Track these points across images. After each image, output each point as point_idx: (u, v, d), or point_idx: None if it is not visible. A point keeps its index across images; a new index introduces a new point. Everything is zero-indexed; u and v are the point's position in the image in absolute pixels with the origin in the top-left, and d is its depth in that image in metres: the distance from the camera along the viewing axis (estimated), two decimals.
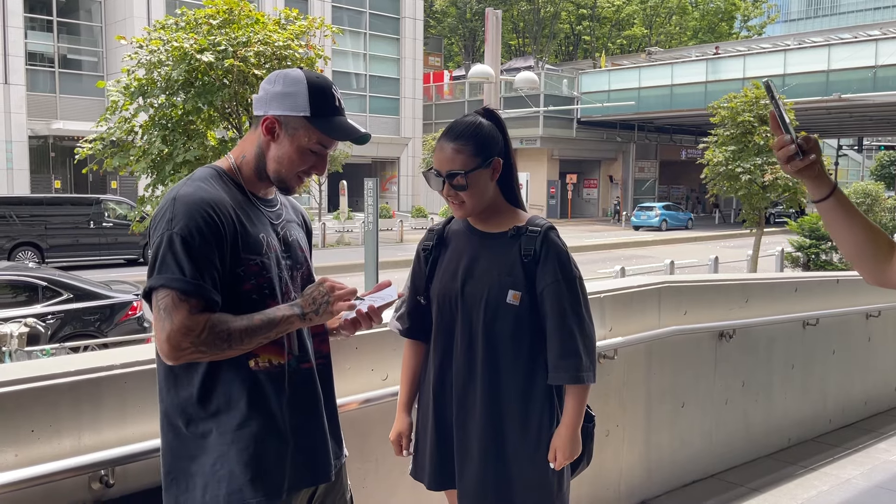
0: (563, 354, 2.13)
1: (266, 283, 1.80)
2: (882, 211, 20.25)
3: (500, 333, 2.16)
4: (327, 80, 1.89)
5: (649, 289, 3.75)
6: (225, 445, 1.74)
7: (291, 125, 1.82)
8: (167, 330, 1.63)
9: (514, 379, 2.17)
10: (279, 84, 1.83)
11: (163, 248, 1.67)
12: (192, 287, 1.65)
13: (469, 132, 2.14)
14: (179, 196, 1.72)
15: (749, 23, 56.09)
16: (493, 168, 2.17)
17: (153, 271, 1.68)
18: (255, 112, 1.87)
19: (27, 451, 1.91)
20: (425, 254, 2.33)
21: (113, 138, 8.50)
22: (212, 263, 1.69)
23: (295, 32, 8.61)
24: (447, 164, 2.13)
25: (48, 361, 2.10)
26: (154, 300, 1.66)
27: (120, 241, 18.87)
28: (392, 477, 2.76)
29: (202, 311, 1.66)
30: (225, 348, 1.68)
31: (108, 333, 9.07)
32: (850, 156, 54.43)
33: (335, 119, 1.85)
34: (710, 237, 29.59)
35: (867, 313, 5.49)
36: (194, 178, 1.79)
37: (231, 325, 1.68)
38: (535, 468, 2.18)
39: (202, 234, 1.68)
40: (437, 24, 51.19)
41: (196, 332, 1.64)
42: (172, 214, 1.69)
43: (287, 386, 1.83)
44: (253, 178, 1.87)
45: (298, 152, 1.84)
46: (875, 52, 28.88)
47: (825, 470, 4.46)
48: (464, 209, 2.18)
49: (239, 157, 1.88)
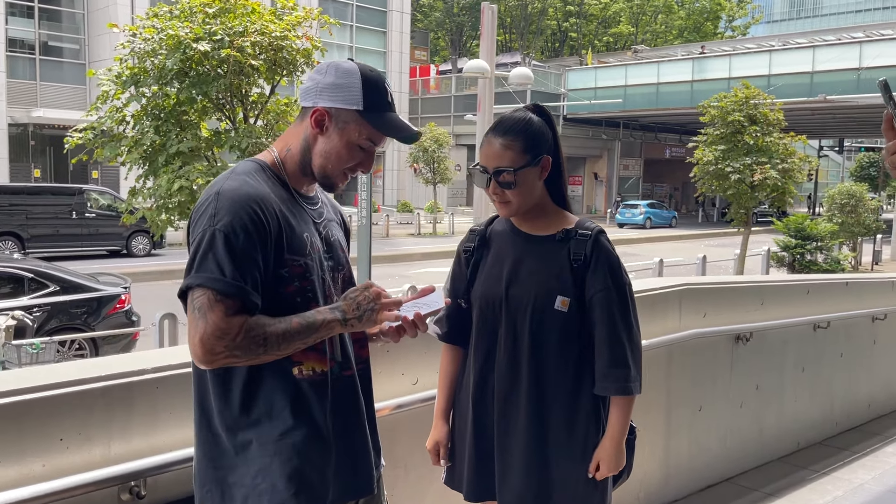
0: (611, 364, 2.05)
1: (309, 286, 1.70)
2: (866, 212, 20.39)
3: (547, 340, 2.07)
4: (380, 73, 1.79)
5: (670, 291, 3.69)
6: (267, 457, 1.64)
7: (342, 118, 1.72)
8: (200, 332, 1.52)
9: (560, 388, 2.09)
10: (331, 74, 1.72)
11: (203, 245, 1.56)
12: (231, 288, 1.54)
13: (519, 127, 2.05)
14: (224, 190, 1.61)
15: (734, 23, 56.46)
16: (543, 166, 2.08)
17: (191, 269, 1.57)
18: (302, 103, 1.77)
19: (55, 461, 1.80)
20: (466, 255, 2.23)
21: (104, 128, 8.30)
22: (255, 263, 1.58)
23: (291, 23, 8.46)
24: (495, 160, 2.04)
25: (78, 365, 1.98)
26: (189, 299, 1.55)
27: (102, 231, 18.56)
28: (421, 484, 2.67)
29: (238, 312, 1.55)
30: (260, 353, 1.57)
31: (95, 327, 8.88)
32: (830, 157, 54.99)
33: (387, 115, 1.75)
34: (694, 235, 29.75)
35: (874, 316, 5.48)
36: (238, 172, 1.68)
37: (268, 328, 1.57)
38: (579, 481, 2.11)
39: (246, 232, 1.57)
40: (423, 18, 50.97)
41: (231, 336, 1.52)
42: (216, 210, 1.58)
43: (330, 394, 1.73)
44: (297, 173, 1.76)
45: (347, 147, 1.74)
46: (859, 54, 29.12)
47: (837, 474, 4.43)
48: (509, 208, 2.09)
49: (283, 150, 1.77)
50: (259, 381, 1.64)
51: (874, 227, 20.81)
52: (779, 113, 16.53)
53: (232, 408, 1.64)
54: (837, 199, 20.46)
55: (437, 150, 28.80)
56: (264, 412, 1.64)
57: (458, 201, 39.06)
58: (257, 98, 8.57)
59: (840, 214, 20.08)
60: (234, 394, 1.64)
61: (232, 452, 1.65)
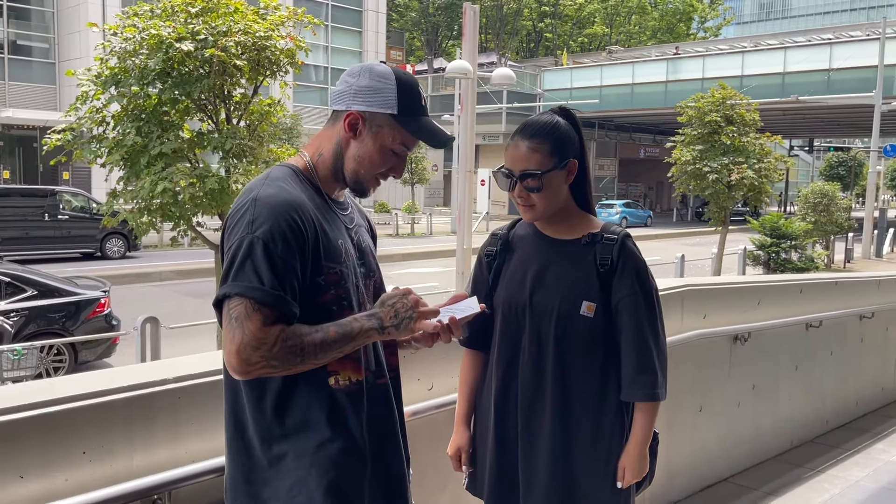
0: (638, 370, 2.04)
1: (344, 294, 1.67)
2: (838, 210, 20.74)
3: (572, 346, 2.05)
4: (414, 77, 1.77)
5: (673, 292, 3.70)
6: (303, 469, 1.60)
7: (376, 122, 1.69)
8: (237, 342, 1.48)
9: (586, 394, 2.08)
10: (365, 78, 1.69)
11: (241, 252, 1.52)
12: (269, 297, 1.50)
13: (546, 130, 2.03)
14: (261, 197, 1.57)
15: (706, 24, 57.11)
16: (569, 170, 2.06)
17: (227, 278, 1.52)
18: (334, 106, 1.73)
19: (78, 475, 1.74)
20: (488, 259, 2.21)
21: (83, 129, 8.13)
22: (293, 272, 1.55)
23: (275, 22, 8.36)
24: (521, 162, 2.02)
25: (98, 375, 1.93)
26: (226, 308, 1.51)
27: (75, 234, 18.23)
28: (434, 491, 2.64)
29: (276, 322, 1.51)
30: (297, 363, 1.53)
31: (74, 332, 8.72)
32: (801, 156, 55.85)
33: (422, 119, 1.73)
34: (670, 235, 30.03)
35: (861, 314, 5.56)
36: (274, 178, 1.64)
37: (305, 338, 1.53)
38: (605, 488, 2.10)
39: (285, 240, 1.53)
40: (399, 18, 50.86)
41: (268, 346, 1.48)
42: (254, 217, 1.54)
43: (366, 404, 1.70)
44: (329, 178, 1.73)
45: (380, 152, 1.71)
46: (829, 56, 29.64)
47: (832, 472, 4.48)
48: (534, 212, 2.07)
49: (315, 154, 1.73)
50: (294, 392, 1.61)
51: (846, 226, 21.19)
52: (755, 113, 16.75)
53: (267, 419, 1.60)
54: (810, 198, 20.78)
55: (414, 150, 28.70)
56: (300, 423, 1.60)
57: (436, 201, 39.04)
58: (240, 99, 8.46)
59: (813, 213, 20.41)
60: (268, 405, 1.60)
61: (266, 465, 1.61)
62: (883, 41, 24.44)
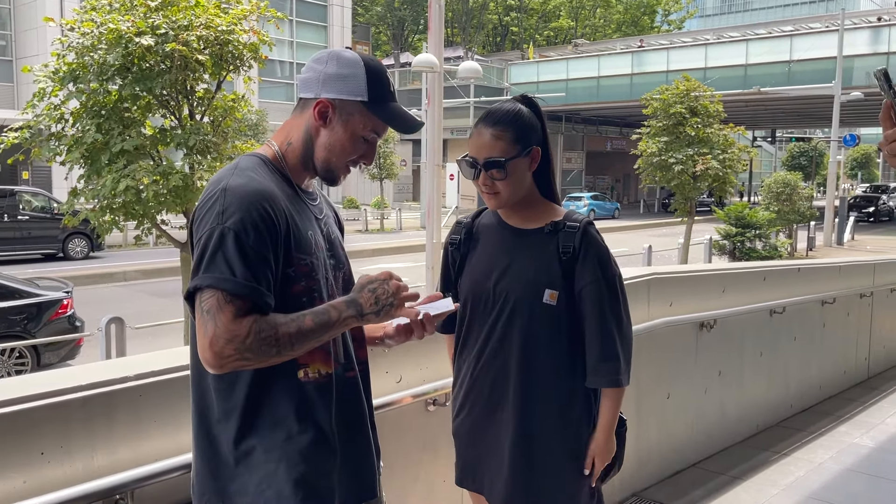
0: (601, 357, 2.05)
1: (315, 286, 1.64)
2: (800, 200, 21.10)
3: (537, 334, 2.06)
4: (381, 63, 1.74)
5: (640, 280, 3.73)
6: (272, 463, 1.57)
7: (347, 110, 1.66)
8: (210, 335, 1.44)
9: (551, 381, 2.08)
10: (333, 64, 1.66)
11: (212, 244, 1.47)
12: (243, 289, 1.46)
13: (509, 118, 2.03)
14: (231, 187, 1.52)
15: (669, 17, 57.70)
16: (532, 157, 2.06)
17: (198, 270, 1.48)
18: (302, 94, 1.70)
19: (37, 476, 1.70)
20: (453, 248, 2.21)
21: (41, 126, 7.95)
22: (266, 263, 1.51)
23: (238, 16, 8.24)
24: (485, 150, 2.01)
25: (56, 374, 1.88)
26: (197, 301, 1.47)
27: (36, 234, 17.86)
28: (405, 482, 2.63)
29: (249, 313, 1.47)
30: (273, 354, 1.49)
31: (36, 334, 8.53)
32: (763, 147, 56.74)
33: (392, 106, 1.70)
34: (637, 226, 30.32)
35: (823, 300, 5.66)
36: (243, 168, 1.60)
37: (280, 328, 1.49)
38: (571, 475, 2.11)
39: (257, 230, 1.50)
40: (364, 13, 50.58)
41: (241, 338, 1.44)
42: (224, 207, 1.50)
43: (335, 397, 1.68)
44: (298, 167, 1.69)
45: (351, 140, 1.68)
46: (790, 48, 30.12)
47: (797, 455, 4.56)
48: (498, 199, 2.07)
49: (284, 143, 1.70)
50: (263, 386, 1.58)
51: (808, 215, 21.57)
52: (718, 105, 16.97)
53: (234, 414, 1.57)
54: (773, 187, 21.12)
55: (382, 145, 28.63)
56: (268, 417, 1.58)
57: (405, 196, 38.95)
58: (203, 94, 8.33)
59: (776, 203, 20.74)
60: (237, 399, 1.56)
61: (234, 460, 1.58)
62: (841, 33, 24.90)
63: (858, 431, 5.05)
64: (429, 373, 2.68)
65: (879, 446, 4.78)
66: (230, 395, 1.57)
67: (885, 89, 1.35)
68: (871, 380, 6.57)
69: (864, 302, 6.43)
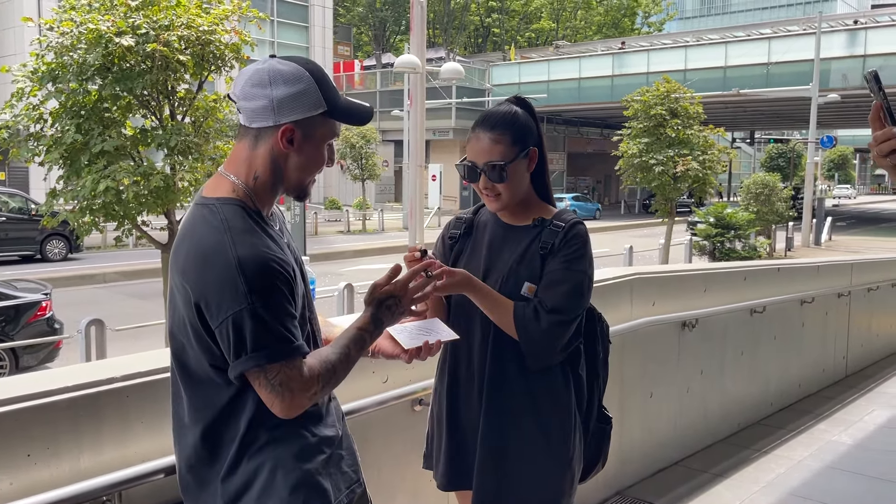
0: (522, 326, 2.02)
1: (307, 310, 1.68)
2: (779, 200, 21.35)
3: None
4: (313, 62, 1.68)
5: (622, 280, 3.76)
6: (269, 472, 1.57)
7: (311, 126, 1.61)
8: (289, 401, 1.52)
9: (527, 375, 2.09)
10: (279, 86, 1.57)
11: (251, 324, 1.47)
12: (295, 351, 1.52)
13: (506, 121, 2.05)
14: (244, 262, 1.49)
15: (650, 19, 58.11)
16: (530, 158, 2.09)
17: (243, 351, 1.48)
18: (256, 125, 1.59)
19: (23, 478, 1.69)
20: (451, 242, 2.24)
21: (19, 126, 7.85)
22: (292, 317, 1.56)
23: (219, 16, 8.20)
24: (485, 154, 2.03)
25: (43, 376, 1.87)
26: (262, 380, 1.50)
27: (13, 236, 17.63)
28: (393, 485, 2.64)
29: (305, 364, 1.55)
30: (334, 384, 1.60)
31: (14, 336, 8.43)
32: (742, 148, 57.32)
33: (345, 103, 1.67)
34: (618, 227, 30.50)
35: (802, 300, 5.74)
36: (239, 231, 1.53)
37: (333, 362, 1.58)
38: (549, 469, 2.12)
39: (282, 294, 1.52)
40: (346, 13, 50.45)
41: (316, 391, 1.55)
42: (247, 287, 1.47)
43: (333, 400, 1.75)
44: (266, 197, 1.64)
45: (320, 152, 1.66)
46: (768, 50, 30.46)
47: (777, 452, 4.62)
48: (499, 202, 2.09)
49: (249, 178, 1.62)
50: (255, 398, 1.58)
51: (787, 216, 21.83)
52: (698, 106, 17.13)
53: (239, 424, 1.57)
54: (753, 188, 21.34)
55: (364, 146, 28.57)
56: (262, 427, 1.58)
57: (387, 197, 38.91)
58: (185, 94, 8.28)
59: (755, 203, 20.96)
60: (246, 411, 1.57)
61: (233, 472, 1.58)
62: (819, 36, 25.22)
63: (837, 429, 5.12)
64: (415, 373, 2.69)
65: (857, 443, 4.85)
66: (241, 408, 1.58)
67: (875, 91, 1.38)
68: (849, 378, 6.67)
69: (842, 301, 6.52)
